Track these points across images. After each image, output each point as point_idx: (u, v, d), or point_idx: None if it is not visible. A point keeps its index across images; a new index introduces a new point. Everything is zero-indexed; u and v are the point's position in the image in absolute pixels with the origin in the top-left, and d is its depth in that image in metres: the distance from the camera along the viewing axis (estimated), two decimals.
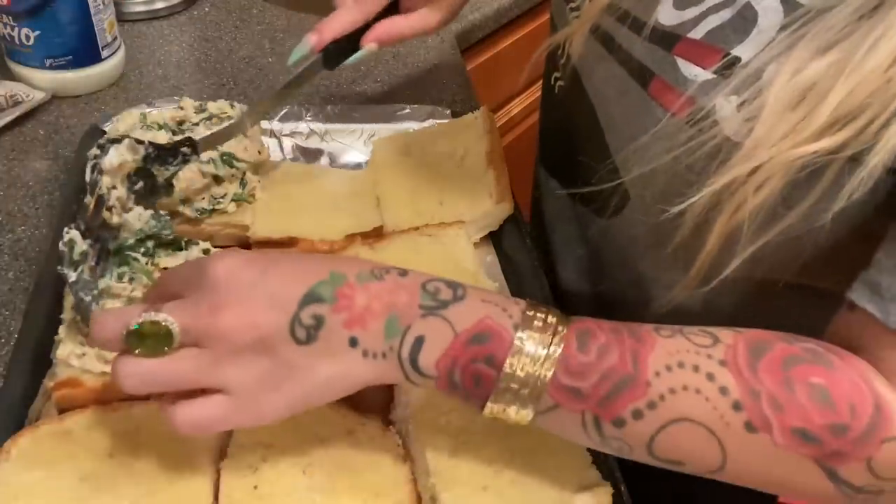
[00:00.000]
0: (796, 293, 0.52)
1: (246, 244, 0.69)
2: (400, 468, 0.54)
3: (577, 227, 0.69)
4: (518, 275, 0.70)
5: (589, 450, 0.55)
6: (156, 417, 0.54)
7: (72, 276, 0.55)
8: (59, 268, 0.55)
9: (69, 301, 0.60)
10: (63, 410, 0.55)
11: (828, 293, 0.49)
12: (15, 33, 0.86)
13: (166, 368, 0.43)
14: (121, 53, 0.94)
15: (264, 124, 0.80)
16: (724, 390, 0.41)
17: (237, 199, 0.70)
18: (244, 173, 0.71)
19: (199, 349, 0.43)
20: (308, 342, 0.42)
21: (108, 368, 0.55)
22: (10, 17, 0.85)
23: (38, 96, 0.88)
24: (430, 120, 0.83)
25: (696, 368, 0.41)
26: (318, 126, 0.82)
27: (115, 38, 0.92)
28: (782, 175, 0.42)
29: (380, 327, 0.43)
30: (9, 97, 0.87)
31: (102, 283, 0.57)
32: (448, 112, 0.84)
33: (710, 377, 0.41)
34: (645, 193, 0.54)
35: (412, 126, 0.82)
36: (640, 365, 0.42)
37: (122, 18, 1.02)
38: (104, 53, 0.91)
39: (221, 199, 0.69)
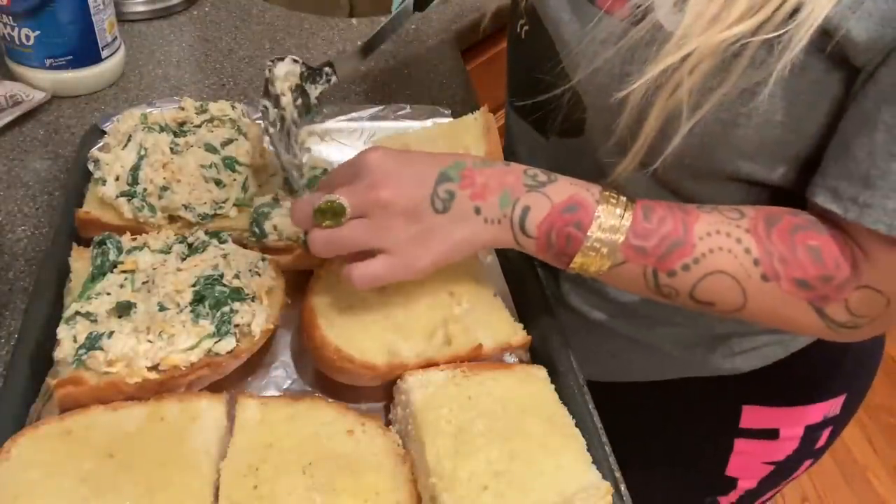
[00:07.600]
0: (736, 186, 0.61)
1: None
2: (400, 468, 0.54)
3: (547, 159, 0.70)
4: (518, 275, 0.70)
5: (589, 450, 0.55)
6: (156, 417, 0.54)
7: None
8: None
9: (70, 300, 0.60)
10: (65, 409, 0.55)
11: (764, 185, 0.60)
12: (15, 33, 0.86)
13: (343, 234, 0.56)
14: (121, 53, 0.94)
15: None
16: (747, 251, 0.54)
17: (239, 204, 0.69)
18: (246, 178, 0.71)
19: (365, 219, 0.56)
20: (444, 211, 0.56)
21: (109, 368, 0.55)
22: (10, 17, 0.85)
23: (38, 96, 0.88)
24: (430, 120, 0.83)
25: (728, 234, 0.54)
26: (318, 126, 0.82)
27: (115, 38, 0.92)
28: (711, 58, 0.51)
29: (496, 200, 0.56)
30: (9, 97, 0.87)
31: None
32: (448, 112, 0.84)
33: (738, 241, 0.54)
34: (595, 95, 0.61)
35: (412, 126, 0.82)
36: (688, 231, 0.54)
37: (122, 18, 1.02)
38: (104, 53, 0.91)
39: (223, 204, 0.69)
